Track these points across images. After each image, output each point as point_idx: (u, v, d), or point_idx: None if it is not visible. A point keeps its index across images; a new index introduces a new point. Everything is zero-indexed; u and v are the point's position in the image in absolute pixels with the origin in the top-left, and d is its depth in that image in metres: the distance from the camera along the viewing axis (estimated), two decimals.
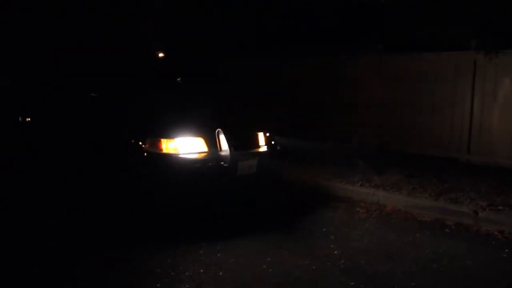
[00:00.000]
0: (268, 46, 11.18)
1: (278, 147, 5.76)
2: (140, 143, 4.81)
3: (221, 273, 3.68)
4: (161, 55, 12.13)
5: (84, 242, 4.29)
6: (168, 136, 4.71)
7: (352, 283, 3.59)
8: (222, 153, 4.86)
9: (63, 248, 4.12)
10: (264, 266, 3.85)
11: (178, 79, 7.44)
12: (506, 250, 4.33)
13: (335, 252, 4.22)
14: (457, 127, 7.88)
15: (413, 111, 8.40)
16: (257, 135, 5.53)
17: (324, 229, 4.85)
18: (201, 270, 3.71)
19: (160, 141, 4.69)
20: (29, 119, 6.44)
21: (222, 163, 4.84)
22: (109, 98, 5.65)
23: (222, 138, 4.89)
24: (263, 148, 5.52)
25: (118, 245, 4.22)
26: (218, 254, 4.06)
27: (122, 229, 4.63)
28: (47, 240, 4.30)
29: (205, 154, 4.79)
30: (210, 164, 4.81)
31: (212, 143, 4.85)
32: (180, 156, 4.66)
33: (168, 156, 4.67)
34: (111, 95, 5.68)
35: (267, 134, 5.62)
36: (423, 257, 4.16)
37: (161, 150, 4.68)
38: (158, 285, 3.44)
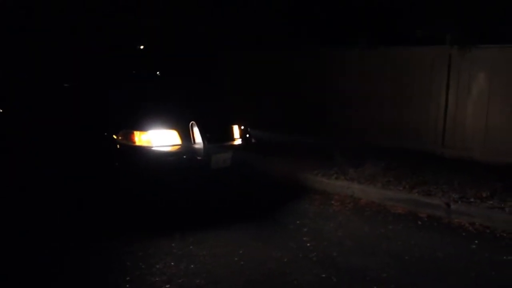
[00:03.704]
0: (255, 39, 11.16)
1: (253, 140, 5.75)
2: (114, 135, 4.75)
3: (192, 266, 3.66)
4: (141, 47, 11.97)
5: (53, 234, 4.23)
6: (141, 128, 4.66)
7: (323, 275, 3.60)
8: (196, 146, 4.83)
9: (33, 241, 4.06)
10: (236, 258, 3.84)
11: (157, 73, 7.36)
12: (476, 242, 4.39)
13: (308, 244, 4.23)
14: (432, 121, 7.96)
15: (392, 105, 8.46)
16: (232, 128, 5.50)
17: (298, 222, 4.86)
18: (172, 263, 3.69)
19: (133, 133, 4.64)
20: (0, 110, 6.31)
21: (196, 156, 4.81)
22: (83, 89, 5.56)
23: (196, 131, 4.85)
24: (238, 141, 5.50)
25: (89, 238, 4.17)
26: (191, 247, 4.04)
27: (93, 221, 4.58)
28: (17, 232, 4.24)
29: (179, 147, 4.76)
30: (183, 157, 4.78)
31: (186, 136, 4.81)
32: (153, 148, 4.62)
33: (141, 149, 4.62)
34: (85, 86, 5.60)
35: (242, 127, 5.60)
36: (395, 249, 4.20)
37: (134, 142, 4.63)
38: (128, 278, 3.41)
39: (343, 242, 4.32)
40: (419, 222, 5.00)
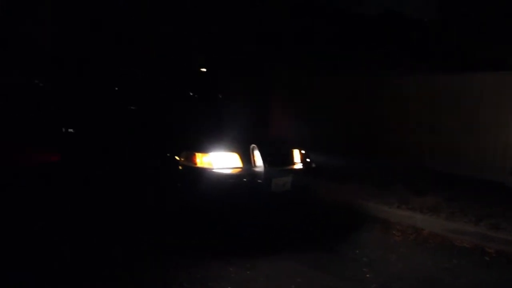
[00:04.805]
0: (313, 62, 11.22)
1: (314, 165, 5.70)
2: (176, 156, 4.86)
3: None
4: (204, 70, 12.28)
5: (117, 250, 4.33)
6: (202, 150, 4.74)
7: None
8: (256, 169, 4.85)
9: (94, 255, 4.17)
10: (293, 286, 3.78)
11: (219, 96, 7.50)
12: None
13: (368, 275, 4.11)
14: (501, 149, 7.63)
15: (457, 131, 8.21)
16: (292, 152, 5.50)
17: (358, 251, 4.74)
18: (229, 287, 3.68)
19: (194, 155, 4.72)
20: (71, 130, 6.46)
21: (257, 179, 4.83)
22: (148, 112, 5.73)
23: (257, 154, 4.88)
24: (298, 165, 5.48)
25: (148, 256, 4.22)
26: (248, 272, 4.02)
27: (153, 241, 4.64)
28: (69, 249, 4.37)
29: (239, 169, 4.80)
30: (244, 179, 4.80)
31: (247, 158, 4.84)
32: (214, 170, 4.68)
33: (202, 170, 4.69)
34: (149, 109, 5.77)
35: (303, 151, 5.58)
36: (459, 286, 4.02)
37: (196, 164, 4.71)
38: None
39: (404, 275, 4.17)
40: (487, 258, 4.76)
